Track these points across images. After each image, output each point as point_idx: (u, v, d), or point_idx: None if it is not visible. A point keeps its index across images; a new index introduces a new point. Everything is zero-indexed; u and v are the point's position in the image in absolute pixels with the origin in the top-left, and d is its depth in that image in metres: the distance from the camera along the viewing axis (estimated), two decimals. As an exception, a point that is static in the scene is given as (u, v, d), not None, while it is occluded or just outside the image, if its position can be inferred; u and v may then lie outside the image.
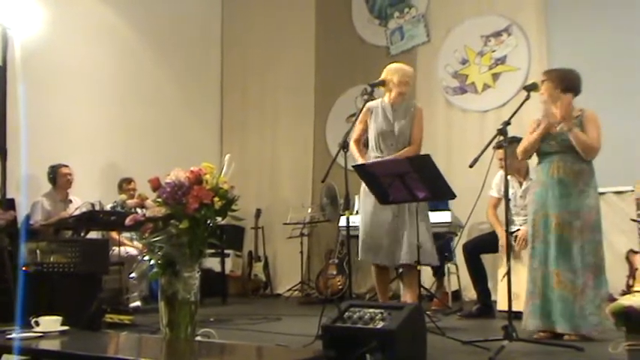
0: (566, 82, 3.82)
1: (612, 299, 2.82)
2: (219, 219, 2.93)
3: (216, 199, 2.84)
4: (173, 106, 7.87)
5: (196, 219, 2.80)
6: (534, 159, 4.07)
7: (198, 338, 2.91)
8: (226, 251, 7.32)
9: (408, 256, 4.09)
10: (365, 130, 4.43)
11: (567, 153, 3.79)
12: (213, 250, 6.59)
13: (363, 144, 4.49)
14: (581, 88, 3.88)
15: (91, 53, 7.08)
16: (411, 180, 3.59)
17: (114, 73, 7.31)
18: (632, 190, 5.32)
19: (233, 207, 2.93)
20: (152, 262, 2.84)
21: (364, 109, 4.40)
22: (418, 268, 4.12)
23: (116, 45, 7.39)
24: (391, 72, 4.37)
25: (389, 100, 4.37)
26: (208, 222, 2.87)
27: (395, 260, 4.19)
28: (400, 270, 4.47)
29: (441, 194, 3.74)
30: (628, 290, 4.92)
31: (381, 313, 2.71)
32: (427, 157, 3.60)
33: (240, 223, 7.45)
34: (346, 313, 2.78)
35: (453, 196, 3.74)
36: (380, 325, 2.65)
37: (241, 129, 8.52)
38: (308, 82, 8.05)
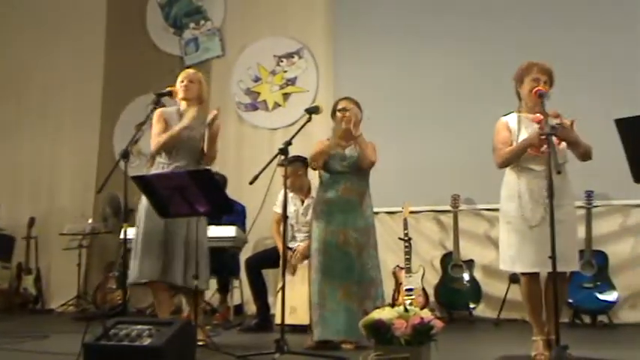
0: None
1: (365, 313, 3.04)
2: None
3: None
4: None
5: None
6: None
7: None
8: (-9, 262, 6.66)
9: (186, 279, 3.94)
10: None
11: (354, 174, 4.17)
12: (-26, 262, 5.94)
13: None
14: None
15: None
16: (191, 194, 3.55)
17: None
18: (402, 211, 5.82)
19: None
20: None
21: (157, 115, 4.16)
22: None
23: None
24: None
25: (185, 106, 4.24)
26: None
27: (173, 279, 3.95)
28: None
29: (221, 209, 3.75)
30: (394, 303, 5.34)
31: (149, 329, 2.64)
32: (207, 171, 3.60)
33: (9, 232, 6.85)
34: (112, 330, 2.66)
35: (231, 210, 3.78)
36: (147, 342, 2.58)
37: (15, 133, 7.78)
38: (95, 86, 7.64)
